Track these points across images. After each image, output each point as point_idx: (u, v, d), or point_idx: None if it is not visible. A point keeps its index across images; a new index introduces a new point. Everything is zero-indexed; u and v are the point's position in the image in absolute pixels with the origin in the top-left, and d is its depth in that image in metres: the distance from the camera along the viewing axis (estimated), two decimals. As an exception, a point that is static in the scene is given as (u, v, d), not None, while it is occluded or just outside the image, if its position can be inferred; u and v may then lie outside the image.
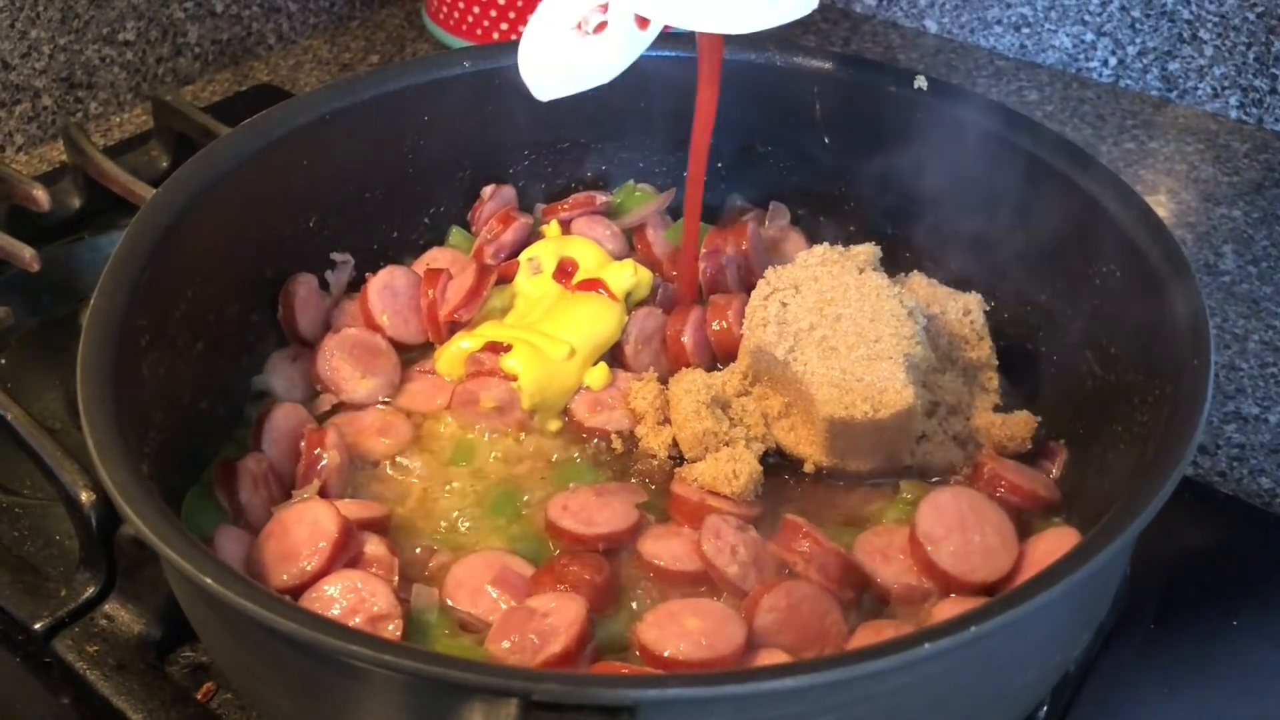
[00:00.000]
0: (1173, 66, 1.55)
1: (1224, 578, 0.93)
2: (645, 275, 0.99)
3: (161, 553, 0.58)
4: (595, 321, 0.95)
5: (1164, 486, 0.62)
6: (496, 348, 0.91)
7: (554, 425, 0.92)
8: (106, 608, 0.87)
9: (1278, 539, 0.96)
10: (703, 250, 1.00)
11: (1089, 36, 1.59)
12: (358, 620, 0.71)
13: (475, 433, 0.91)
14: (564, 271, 1.00)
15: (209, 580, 0.56)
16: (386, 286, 0.97)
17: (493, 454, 0.90)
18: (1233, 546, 0.96)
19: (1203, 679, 0.86)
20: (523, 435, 0.91)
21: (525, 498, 0.87)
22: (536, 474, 0.89)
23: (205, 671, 0.85)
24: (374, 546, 0.77)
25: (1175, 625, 0.88)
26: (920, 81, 0.95)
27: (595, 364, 0.94)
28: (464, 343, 0.93)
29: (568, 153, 1.09)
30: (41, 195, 1.20)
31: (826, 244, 0.88)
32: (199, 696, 0.83)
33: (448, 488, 0.88)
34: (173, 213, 0.80)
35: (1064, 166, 0.87)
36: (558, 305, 0.96)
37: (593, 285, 0.97)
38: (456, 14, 1.63)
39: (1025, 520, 0.83)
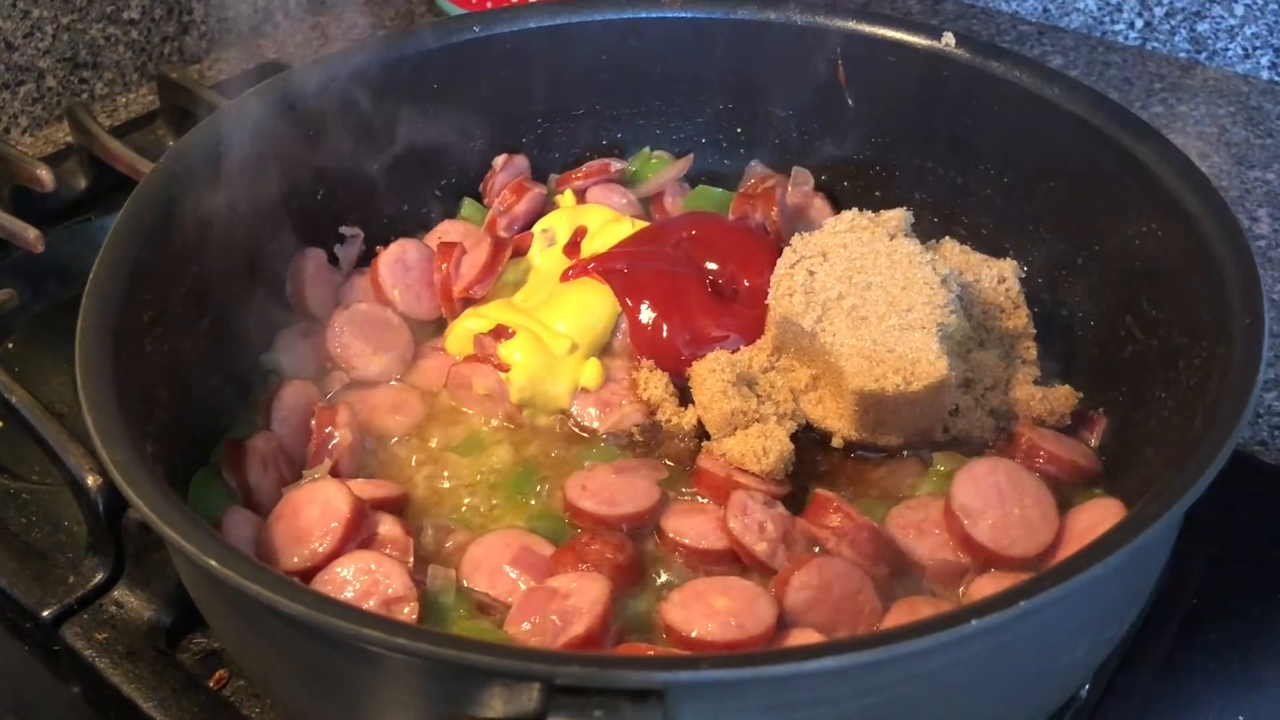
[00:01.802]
0: (1202, 27, 1.50)
1: (1265, 550, 0.90)
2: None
3: (165, 535, 0.55)
4: (592, 311, 0.91)
5: (1219, 455, 0.59)
6: (502, 332, 0.88)
7: (543, 421, 0.88)
8: (115, 594, 0.85)
9: (1323, 510, 0.92)
10: (729, 218, 0.96)
11: (1115, -2, 1.55)
12: (372, 603, 0.68)
13: (480, 416, 0.88)
14: (575, 244, 0.97)
15: (213, 563, 0.53)
16: (398, 260, 0.94)
17: (502, 437, 0.87)
18: (1274, 518, 0.92)
19: (1245, 653, 0.83)
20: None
21: (542, 475, 0.84)
22: (551, 451, 0.86)
23: (217, 658, 0.83)
24: (388, 527, 0.74)
25: (1217, 600, 0.85)
26: (948, 38, 0.91)
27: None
28: (471, 323, 0.90)
29: (582, 120, 1.05)
30: (46, 175, 1.17)
31: (855, 210, 0.84)
32: (211, 684, 0.81)
33: (462, 466, 0.85)
34: (172, 186, 0.78)
35: (1100, 122, 0.83)
36: (555, 293, 0.93)
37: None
38: (466, -14, 1.60)
39: (1064, 492, 0.80)
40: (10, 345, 1.13)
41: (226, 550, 0.54)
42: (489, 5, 1.59)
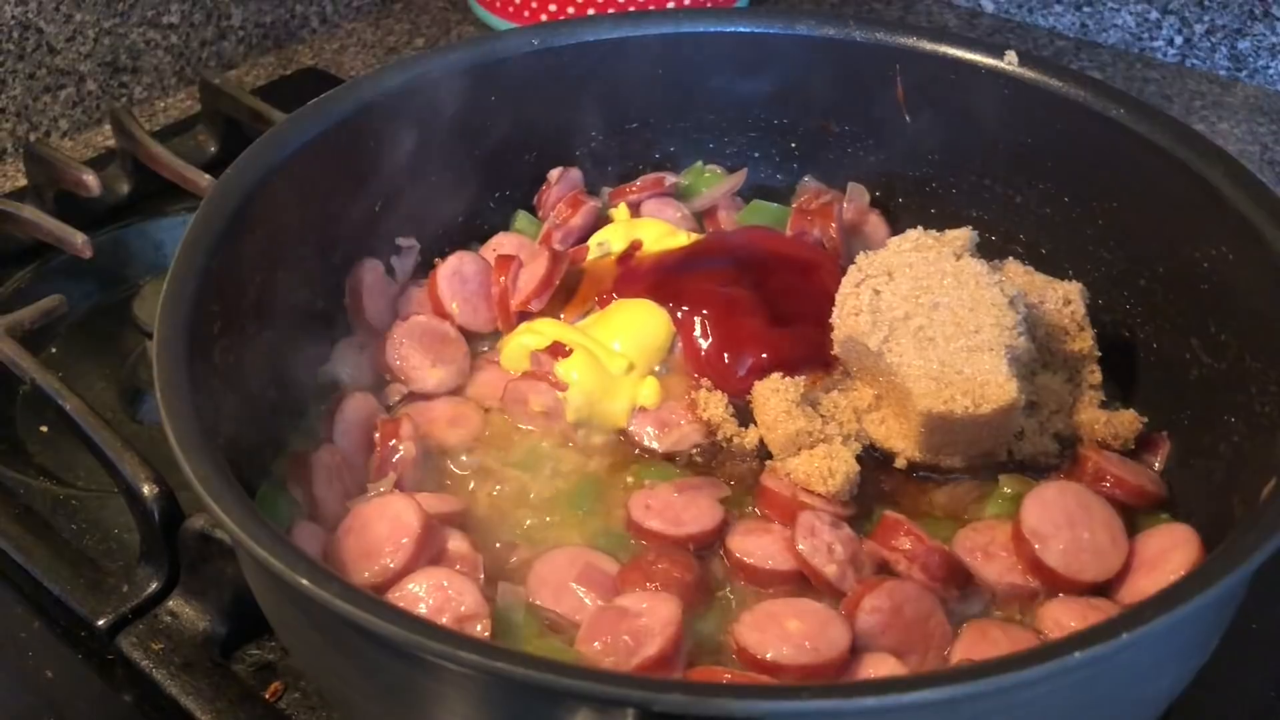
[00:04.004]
0: (1243, 45, 1.50)
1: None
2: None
3: (252, 551, 0.55)
4: (648, 330, 0.90)
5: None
6: (558, 349, 0.88)
7: (599, 439, 0.88)
8: (170, 604, 0.85)
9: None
10: (787, 234, 0.96)
11: (1154, 15, 1.55)
12: (445, 620, 0.68)
13: (538, 431, 0.88)
14: (629, 257, 0.97)
15: (304, 580, 0.53)
16: (455, 273, 0.94)
17: (562, 453, 0.86)
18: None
19: (1225, 678, 0.81)
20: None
21: (601, 492, 0.84)
22: (610, 468, 0.86)
23: (272, 670, 0.83)
24: (456, 543, 0.74)
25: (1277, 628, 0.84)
26: (1010, 56, 0.91)
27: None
28: (527, 339, 0.90)
29: (635, 133, 1.05)
30: (91, 180, 1.17)
31: (920, 228, 0.84)
32: (267, 696, 0.81)
33: (522, 481, 0.85)
34: (240, 196, 0.77)
35: (1168, 144, 0.83)
36: (610, 311, 0.92)
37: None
38: (504, -5, 1.60)
39: (1130, 516, 0.79)
40: (53, 350, 1.13)
41: (315, 567, 0.54)
42: (526, 15, 1.59)
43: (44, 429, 1.04)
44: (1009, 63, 0.91)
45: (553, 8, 1.57)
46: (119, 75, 1.46)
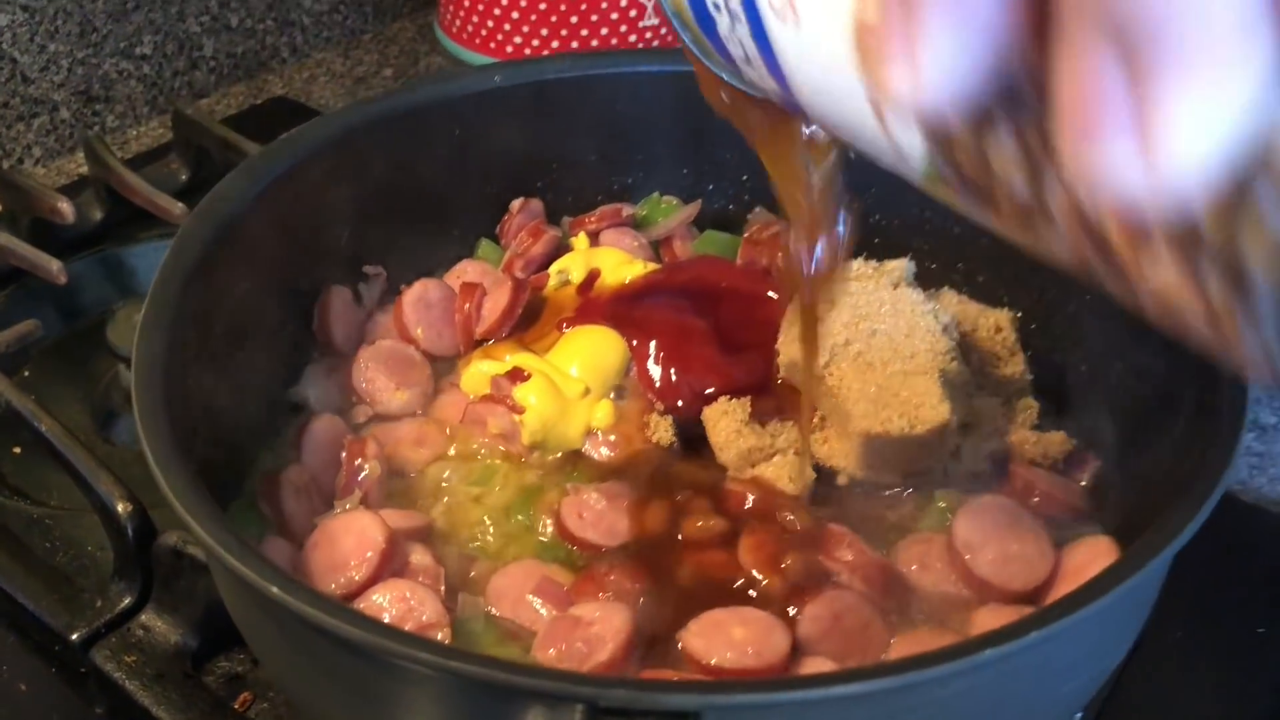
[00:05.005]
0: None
1: (1247, 585, 0.94)
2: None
3: (228, 565, 0.58)
4: (604, 355, 0.94)
5: (1208, 501, 0.64)
6: (517, 374, 0.92)
7: (551, 459, 0.91)
8: (143, 618, 0.88)
9: (1297, 546, 0.97)
10: (738, 262, 1.00)
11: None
12: (408, 627, 0.71)
13: (487, 450, 0.91)
14: (589, 285, 1.01)
15: (276, 590, 0.57)
16: (420, 299, 0.98)
17: (511, 470, 0.90)
18: (1255, 553, 0.97)
19: (1229, 684, 0.87)
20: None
21: (544, 503, 0.87)
22: (553, 480, 0.89)
23: (242, 681, 0.86)
24: (419, 556, 0.77)
25: (1202, 632, 0.90)
26: (946, 96, 0.96)
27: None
28: (486, 365, 0.94)
29: (594, 166, 1.10)
30: (66, 207, 1.21)
31: (860, 259, 0.89)
32: (236, 706, 0.84)
33: (477, 496, 0.88)
34: (213, 227, 0.81)
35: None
36: (568, 336, 0.96)
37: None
38: (470, 28, 1.64)
39: (1057, 529, 0.84)
40: (26, 373, 1.16)
41: (288, 580, 0.57)
42: (492, 46, 1.64)
43: (17, 450, 1.07)
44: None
45: (518, 40, 1.62)
46: (92, 104, 1.50)
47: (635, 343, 0.94)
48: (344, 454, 0.85)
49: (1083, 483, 0.89)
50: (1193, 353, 0.76)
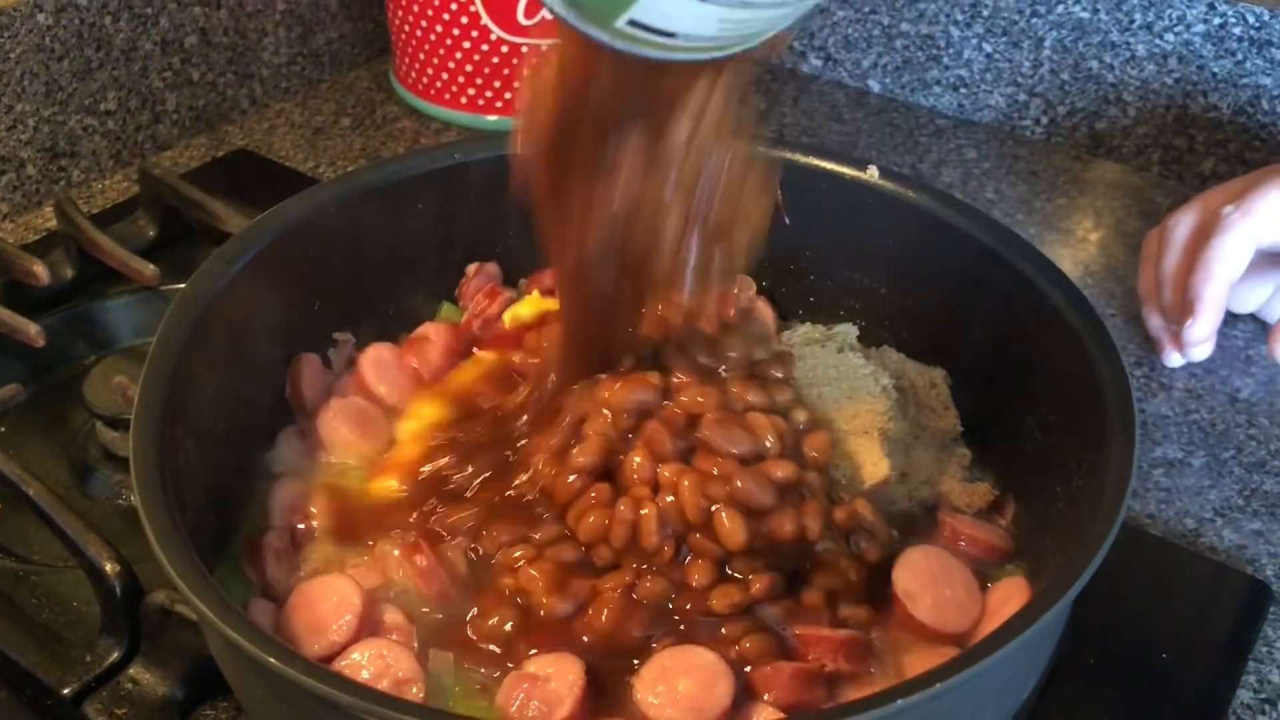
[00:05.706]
0: (1100, 126, 1.67)
1: (1155, 613, 1.02)
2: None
3: (223, 634, 0.65)
4: None
5: (1100, 549, 0.71)
6: None
7: None
8: (131, 671, 0.92)
9: (1201, 576, 1.06)
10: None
11: (1022, 96, 1.71)
12: (384, 684, 0.78)
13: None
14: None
15: (271, 660, 0.63)
16: (376, 361, 1.06)
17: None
18: (1161, 584, 1.05)
19: (1137, 710, 0.94)
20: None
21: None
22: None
23: (224, 731, 0.92)
24: (392, 615, 0.84)
25: (1112, 661, 0.97)
26: (872, 170, 1.05)
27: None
28: (412, 424, 1.00)
29: (548, 230, 1.16)
30: (41, 270, 1.25)
31: (809, 324, 0.97)
32: (221, 755, 0.90)
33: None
34: (199, 309, 0.87)
35: (1002, 249, 0.96)
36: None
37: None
38: (425, 79, 1.71)
39: (983, 568, 0.92)
40: (1, 429, 1.21)
41: (281, 648, 0.64)
42: (447, 98, 1.70)
43: (-2, 505, 1.11)
44: (871, 175, 1.04)
45: (471, 91, 1.69)
46: (58, 160, 1.54)
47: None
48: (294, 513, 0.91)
49: (1003, 524, 0.97)
50: (1091, 416, 0.85)
